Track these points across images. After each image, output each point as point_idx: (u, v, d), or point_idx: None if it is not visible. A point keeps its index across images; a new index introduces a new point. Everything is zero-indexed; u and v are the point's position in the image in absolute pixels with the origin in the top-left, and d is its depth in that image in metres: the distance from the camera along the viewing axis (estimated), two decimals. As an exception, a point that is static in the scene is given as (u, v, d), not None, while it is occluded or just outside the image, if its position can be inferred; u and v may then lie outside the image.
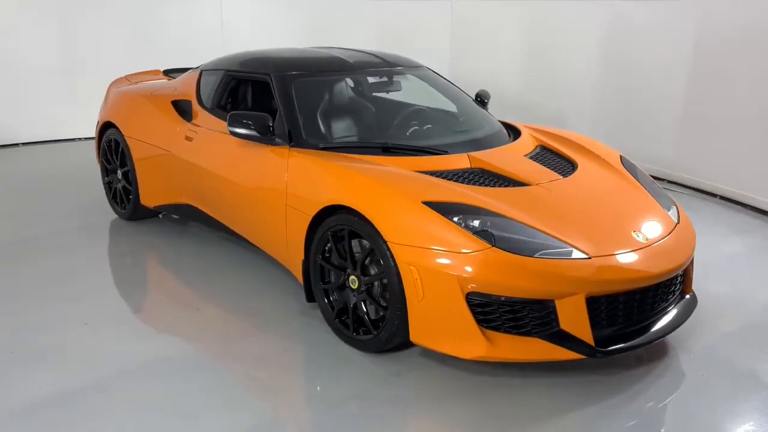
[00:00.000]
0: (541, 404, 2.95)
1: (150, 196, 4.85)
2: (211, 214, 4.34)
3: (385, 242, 3.04)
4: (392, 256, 3.02)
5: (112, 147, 5.12)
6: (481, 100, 4.70)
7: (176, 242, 4.78)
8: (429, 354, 3.28)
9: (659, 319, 3.22)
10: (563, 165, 3.77)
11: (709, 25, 5.93)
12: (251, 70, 4.29)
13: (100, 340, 3.45)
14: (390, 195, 3.11)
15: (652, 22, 6.48)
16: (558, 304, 2.89)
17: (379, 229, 3.05)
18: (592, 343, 2.93)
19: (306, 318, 3.69)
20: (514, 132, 4.27)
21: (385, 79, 4.27)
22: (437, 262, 2.91)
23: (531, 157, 3.81)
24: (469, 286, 2.87)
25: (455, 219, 2.98)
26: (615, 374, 3.15)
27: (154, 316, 3.74)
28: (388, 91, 4.28)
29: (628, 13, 6.75)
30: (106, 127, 5.18)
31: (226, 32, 8.88)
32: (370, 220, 3.08)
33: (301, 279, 3.62)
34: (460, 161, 3.59)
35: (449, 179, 3.37)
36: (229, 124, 3.76)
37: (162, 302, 3.92)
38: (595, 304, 2.94)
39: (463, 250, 2.88)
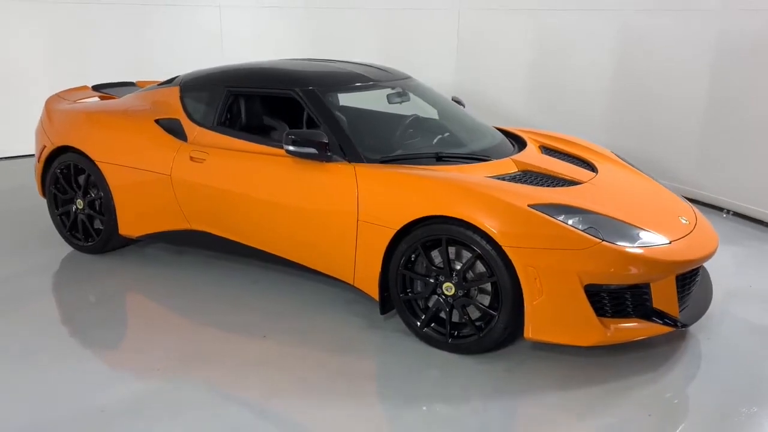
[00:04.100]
0: (633, 374, 3.31)
1: (134, 224, 4.45)
2: (231, 237, 4.11)
3: (497, 247, 3.20)
4: (506, 260, 3.19)
5: (70, 174, 4.60)
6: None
7: (167, 271, 4.45)
8: (528, 346, 3.51)
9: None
10: (580, 163, 4.17)
11: (730, 37, 5.67)
12: (268, 87, 4.14)
13: (196, 386, 3.18)
14: (497, 201, 3.27)
15: (667, 34, 6.18)
16: (653, 286, 3.27)
17: (490, 235, 3.20)
18: (678, 317, 3.37)
19: (380, 331, 3.71)
20: (505, 134, 4.58)
21: (399, 90, 4.37)
22: (556, 260, 3.14)
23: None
24: (586, 280, 3.15)
25: (560, 218, 3.24)
26: (668, 346, 3.61)
27: (226, 352, 3.48)
28: (401, 102, 4.37)
29: (641, 24, 6.45)
30: (58, 151, 4.63)
31: (225, 42, 8.44)
32: (479, 227, 3.22)
33: (374, 293, 3.64)
34: (507, 165, 3.83)
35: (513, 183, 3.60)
36: (287, 143, 3.65)
37: (219, 337, 3.65)
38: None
39: (579, 247, 3.15)
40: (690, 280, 3.58)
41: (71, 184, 4.63)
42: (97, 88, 5.41)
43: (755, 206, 5.65)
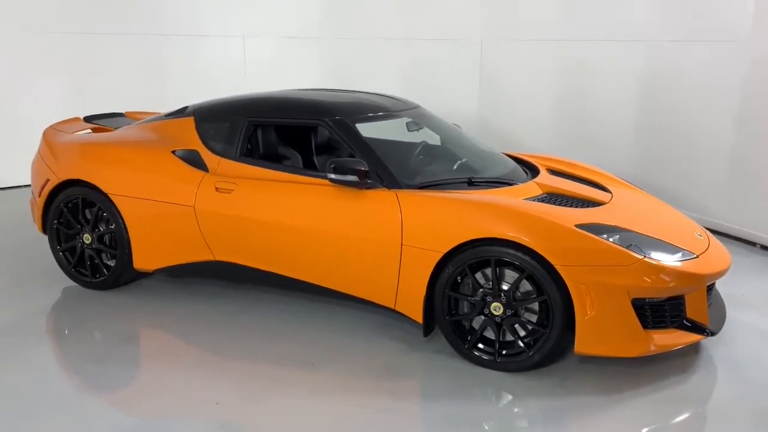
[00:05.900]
0: (674, 378, 3.52)
1: (151, 258, 4.35)
2: (262, 267, 4.08)
3: (550, 266, 3.34)
4: (558, 279, 3.34)
5: (77, 207, 4.47)
6: (459, 132, 5.12)
7: (181, 304, 4.38)
8: (571, 361, 3.65)
9: None
10: (593, 185, 4.38)
11: (759, 68, 5.55)
12: (294, 117, 4.19)
13: (268, 417, 3.17)
14: (547, 222, 3.43)
15: (695, 65, 6.09)
16: (687, 297, 3.50)
17: (544, 255, 3.34)
18: (708, 325, 3.60)
19: (423, 353, 3.78)
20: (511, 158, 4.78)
21: (411, 119, 4.49)
22: (606, 277, 3.31)
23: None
24: (633, 294, 3.33)
25: (603, 237, 3.42)
26: (694, 353, 3.85)
27: (282, 382, 3.46)
28: (418, 130, 4.49)
29: (668, 55, 6.33)
30: (62, 185, 4.49)
31: (248, 70, 8.44)
32: (532, 247, 3.35)
33: (417, 316, 3.70)
34: (533, 189, 4.01)
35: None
36: (332, 172, 3.71)
37: (267, 368, 3.61)
38: (701, 294, 3.62)
39: (625, 264, 3.33)
40: (710, 290, 3.83)
41: (78, 218, 4.49)
42: (88, 119, 5.27)
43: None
